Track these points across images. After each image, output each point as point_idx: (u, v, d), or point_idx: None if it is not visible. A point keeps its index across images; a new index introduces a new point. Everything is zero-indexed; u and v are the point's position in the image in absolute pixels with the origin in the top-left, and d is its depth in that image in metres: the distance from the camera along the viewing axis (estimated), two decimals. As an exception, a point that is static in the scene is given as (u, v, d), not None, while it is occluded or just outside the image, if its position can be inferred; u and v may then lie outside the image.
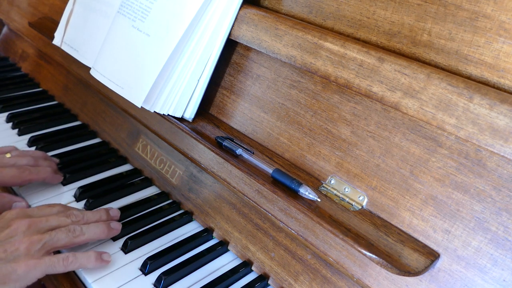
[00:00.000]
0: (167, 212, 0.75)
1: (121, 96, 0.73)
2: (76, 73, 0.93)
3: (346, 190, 0.59)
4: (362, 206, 0.57)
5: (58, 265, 0.59)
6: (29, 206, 0.72)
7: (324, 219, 0.55)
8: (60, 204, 0.67)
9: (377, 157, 0.57)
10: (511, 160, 0.47)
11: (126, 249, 0.66)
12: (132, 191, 0.79)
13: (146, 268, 0.63)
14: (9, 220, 0.60)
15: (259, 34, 0.65)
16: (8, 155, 0.75)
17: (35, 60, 1.13)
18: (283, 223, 0.60)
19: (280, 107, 0.67)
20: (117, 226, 0.67)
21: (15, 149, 0.78)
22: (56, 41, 0.90)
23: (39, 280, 0.59)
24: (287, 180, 0.59)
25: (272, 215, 0.62)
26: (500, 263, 0.47)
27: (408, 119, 0.54)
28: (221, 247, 0.69)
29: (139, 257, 0.66)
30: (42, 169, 0.75)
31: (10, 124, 0.93)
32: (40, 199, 0.74)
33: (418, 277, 0.51)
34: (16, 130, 0.91)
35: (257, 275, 0.66)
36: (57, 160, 0.81)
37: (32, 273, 0.56)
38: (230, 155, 0.66)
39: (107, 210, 0.69)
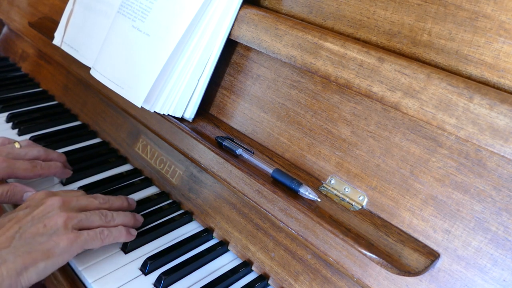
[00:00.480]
0: (167, 212, 0.75)
1: (121, 96, 0.73)
2: (76, 73, 0.93)
3: (346, 190, 0.59)
4: (362, 206, 0.57)
5: (96, 238, 0.60)
6: None
7: (324, 219, 0.55)
8: (81, 190, 0.69)
9: (377, 157, 0.57)
10: (511, 160, 0.47)
11: (126, 249, 0.66)
12: (132, 191, 0.79)
13: (146, 268, 0.63)
14: (41, 199, 0.61)
15: (259, 34, 0.65)
16: (17, 145, 0.74)
17: (35, 60, 1.13)
18: (283, 223, 0.60)
19: (280, 107, 0.67)
20: (140, 219, 0.70)
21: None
22: (56, 41, 0.90)
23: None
24: (287, 180, 0.59)
25: (272, 215, 0.62)
26: (500, 263, 0.47)
27: (408, 119, 0.54)
28: (221, 247, 0.69)
29: (139, 257, 0.66)
30: (53, 164, 0.75)
31: (10, 124, 0.93)
32: (40, 199, 0.74)
33: (418, 277, 0.51)
34: (16, 130, 0.91)
35: (257, 275, 0.66)
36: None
37: (74, 247, 0.57)
38: (230, 155, 0.66)
39: (126, 198, 0.71)
